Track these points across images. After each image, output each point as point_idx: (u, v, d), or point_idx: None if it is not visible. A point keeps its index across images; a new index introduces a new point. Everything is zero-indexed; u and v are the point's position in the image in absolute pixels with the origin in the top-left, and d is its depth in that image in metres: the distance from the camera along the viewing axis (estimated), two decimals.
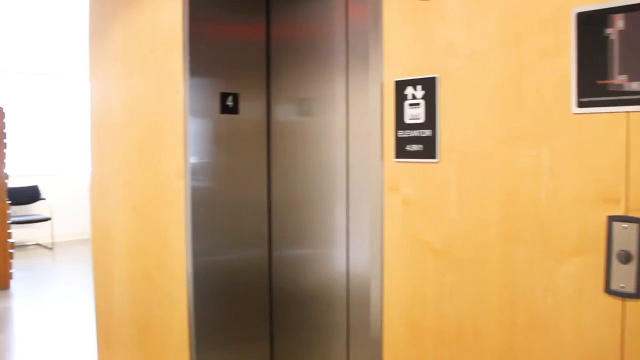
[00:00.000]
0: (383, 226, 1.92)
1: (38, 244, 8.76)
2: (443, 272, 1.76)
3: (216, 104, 2.82)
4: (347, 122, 2.59)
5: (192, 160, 2.71)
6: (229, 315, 2.89)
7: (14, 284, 6.16)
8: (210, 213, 2.78)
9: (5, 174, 6.05)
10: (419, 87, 1.82)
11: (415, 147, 1.83)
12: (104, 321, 3.52)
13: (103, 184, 3.40)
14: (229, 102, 2.87)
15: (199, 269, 2.76)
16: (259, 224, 2.97)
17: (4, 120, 6.05)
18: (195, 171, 2.73)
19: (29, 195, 8.62)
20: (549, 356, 1.54)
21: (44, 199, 8.71)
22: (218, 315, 2.85)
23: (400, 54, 1.88)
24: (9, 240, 6.07)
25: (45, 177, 8.90)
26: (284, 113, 2.91)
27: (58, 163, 9.15)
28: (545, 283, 1.53)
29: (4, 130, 6.04)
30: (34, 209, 8.76)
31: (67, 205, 9.02)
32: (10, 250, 6.08)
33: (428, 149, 1.79)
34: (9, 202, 6.13)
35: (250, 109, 2.92)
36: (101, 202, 3.44)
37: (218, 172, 2.81)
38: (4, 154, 6.04)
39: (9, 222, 6.07)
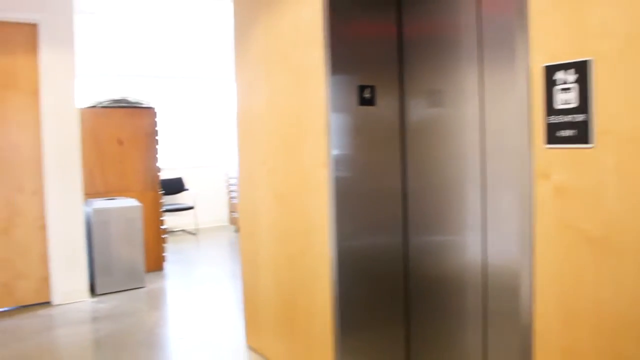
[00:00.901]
0: (533, 213, 1.82)
1: (184, 230, 9.24)
2: (601, 261, 1.64)
3: (354, 96, 2.81)
4: (481, 110, 2.49)
5: (334, 151, 2.72)
6: (367, 299, 2.88)
7: (166, 266, 6.54)
8: (350, 201, 2.79)
9: (158, 167, 6.42)
10: (570, 71, 1.70)
11: (567, 133, 1.71)
12: (251, 302, 3.64)
13: (249, 174, 3.51)
14: (366, 94, 2.86)
15: (341, 255, 2.77)
16: (395, 213, 2.93)
17: (156, 119, 6.41)
18: (337, 161, 2.74)
19: (175, 186, 9.10)
20: None
21: (187, 189, 9.16)
22: (358, 299, 2.85)
23: (548, 39, 1.76)
24: (162, 226, 6.45)
25: (188, 169, 9.35)
26: (417, 104, 2.86)
27: (199, 157, 9.57)
28: None
29: (156, 128, 6.40)
30: (180, 199, 9.23)
31: (207, 195, 9.42)
32: (164, 236, 6.46)
33: (582, 134, 1.68)
34: (161, 192, 6.50)
35: (385, 101, 2.88)
36: (247, 191, 3.54)
37: (357, 162, 2.80)
38: (156, 149, 6.40)
39: (161, 210, 6.44)
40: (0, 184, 5.04)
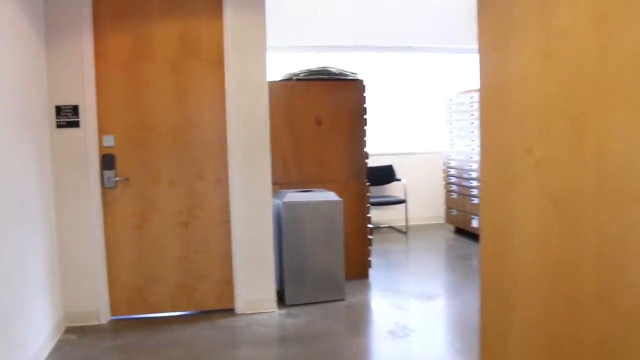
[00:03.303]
0: None
1: (391, 227, 8.47)
2: None
3: None
4: None
5: None
6: None
7: (371, 273, 5.73)
8: None
9: (365, 152, 5.62)
10: None
11: None
12: (492, 353, 2.62)
13: (499, 167, 2.47)
14: None
15: None
16: None
17: (364, 95, 5.61)
18: None
19: (384, 175, 8.35)
20: None
21: (399, 179, 8.34)
22: None
23: None
24: (368, 225, 5.64)
25: (398, 156, 8.58)
26: None
27: (412, 141, 8.78)
28: None
29: (364, 106, 5.60)
30: (388, 190, 8.48)
31: (421, 187, 8.57)
32: (369, 237, 5.65)
33: None
34: (368, 183, 5.70)
35: None
36: (496, 191, 2.51)
37: None
38: (364, 131, 5.60)
39: (367, 205, 5.64)
40: (180, 170, 4.61)
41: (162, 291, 4.63)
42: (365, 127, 5.63)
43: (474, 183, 7.09)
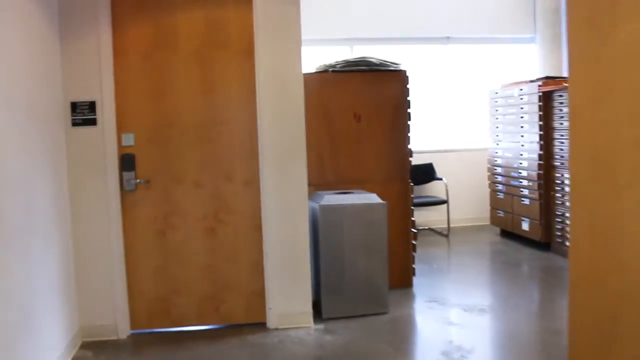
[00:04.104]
0: None
1: (431, 229, 7.98)
2: None
3: None
4: None
5: None
6: None
7: (415, 281, 5.24)
8: None
9: (409, 149, 5.14)
10: None
11: None
12: None
13: (600, 166, 1.98)
14: None
15: None
16: None
17: (407, 87, 5.13)
18: None
19: (424, 174, 7.87)
20: None
21: (439, 178, 7.84)
22: None
23: None
24: (412, 229, 5.16)
25: (440, 154, 8.12)
26: None
27: (453, 138, 8.34)
28: None
29: (407, 99, 5.13)
30: (428, 190, 8.00)
31: (463, 187, 8.08)
32: (413, 242, 5.17)
33: None
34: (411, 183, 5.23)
35: None
36: (596, 197, 2.02)
37: None
38: (407, 126, 5.12)
39: (411, 207, 5.16)
40: (206, 171, 4.23)
41: (187, 303, 4.23)
42: (408, 122, 5.16)
43: (525, 182, 6.55)
